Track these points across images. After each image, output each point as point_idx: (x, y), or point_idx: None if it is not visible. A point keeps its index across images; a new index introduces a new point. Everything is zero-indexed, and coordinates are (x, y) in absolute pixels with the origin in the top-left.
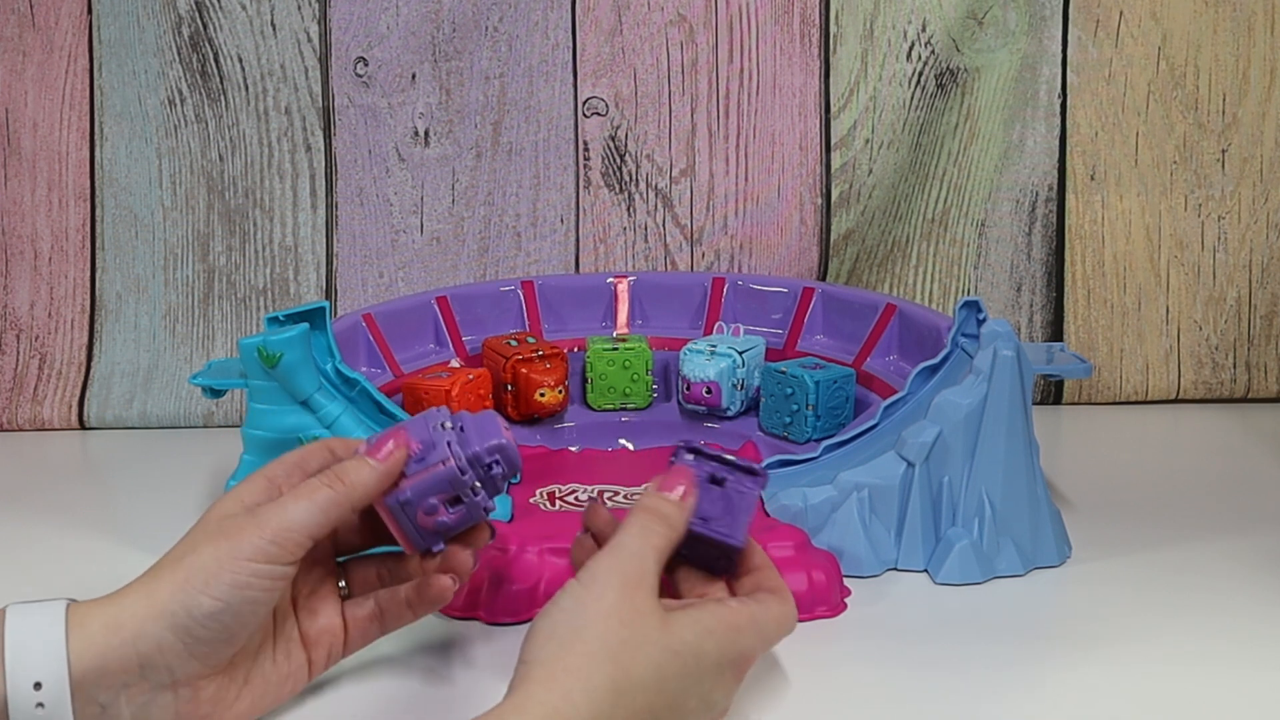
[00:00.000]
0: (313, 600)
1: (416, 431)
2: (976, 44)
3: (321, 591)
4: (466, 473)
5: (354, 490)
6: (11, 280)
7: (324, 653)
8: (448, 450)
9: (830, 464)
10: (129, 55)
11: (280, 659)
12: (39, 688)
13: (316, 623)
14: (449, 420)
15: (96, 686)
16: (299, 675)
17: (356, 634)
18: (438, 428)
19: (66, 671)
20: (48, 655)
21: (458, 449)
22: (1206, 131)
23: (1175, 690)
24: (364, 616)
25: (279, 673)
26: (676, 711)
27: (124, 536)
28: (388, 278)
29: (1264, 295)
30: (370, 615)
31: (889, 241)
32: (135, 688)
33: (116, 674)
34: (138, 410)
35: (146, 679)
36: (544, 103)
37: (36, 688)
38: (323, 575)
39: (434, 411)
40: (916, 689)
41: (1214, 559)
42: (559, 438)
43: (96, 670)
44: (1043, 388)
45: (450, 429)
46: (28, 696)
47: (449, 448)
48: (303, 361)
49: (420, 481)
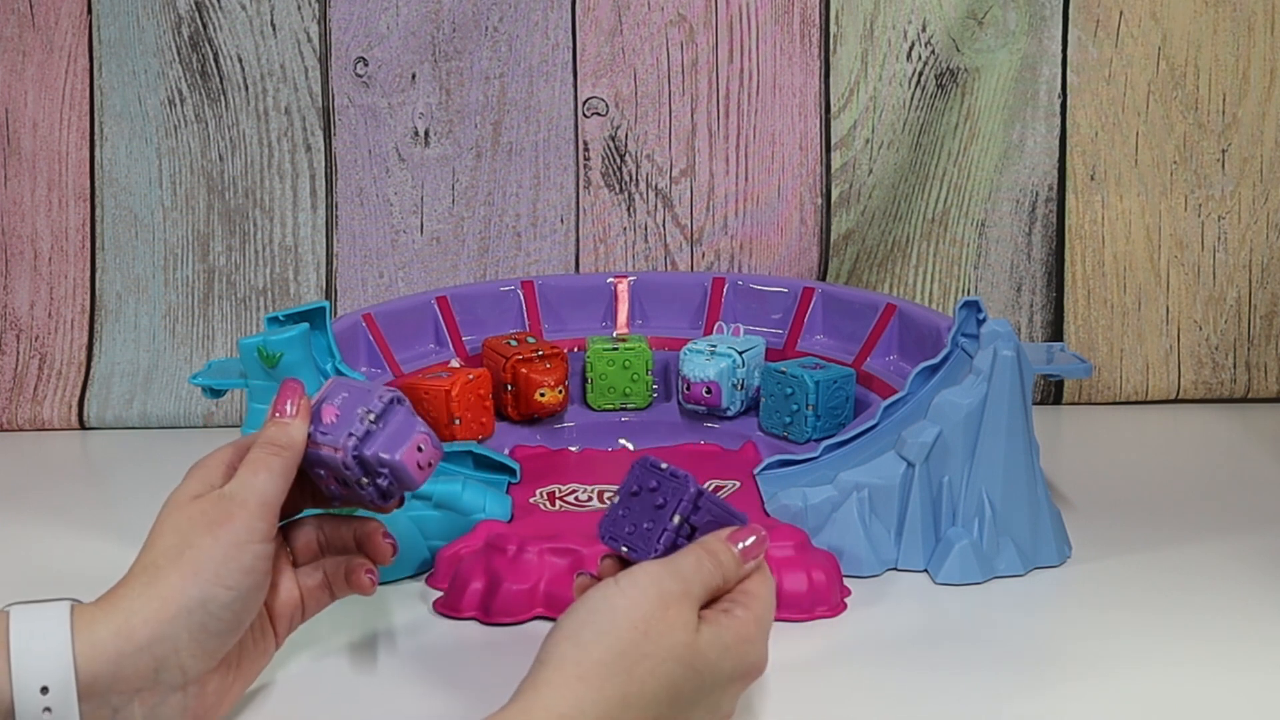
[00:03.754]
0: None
1: (347, 401)
2: (976, 44)
3: (278, 565)
4: (351, 469)
5: (293, 449)
6: (11, 280)
7: (286, 624)
8: (344, 440)
9: (830, 464)
10: (129, 55)
11: (257, 635)
12: (46, 692)
13: (279, 596)
14: (376, 410)
15: (109, 692)
16: (269, 648)
17: (311, 602)
18: (361, 413)
19: (73, 675)
20: (54, 659)
21: (353, 443)
22: (1206, 131)
23: (1175, 690)
24: (315, 585)
25: (257, 651)
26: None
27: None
28: (388, 278)
29: (1264, 295)
30: (320, 584)
31: (889, 241)
32: (149, 691)
33: (131, 680)
34: (138, 410)
35: (160, 682)
36: (544, 103)
37: (44, 692)
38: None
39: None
40: (916, 689)
41: (1214, 559)
42: (559, 438)
43: (110, 676)
44: (1043, 388)
45: (370, 420)
46: (34, 700)
47: (346, 439)
48: (303, 361)
49: (313, 451)
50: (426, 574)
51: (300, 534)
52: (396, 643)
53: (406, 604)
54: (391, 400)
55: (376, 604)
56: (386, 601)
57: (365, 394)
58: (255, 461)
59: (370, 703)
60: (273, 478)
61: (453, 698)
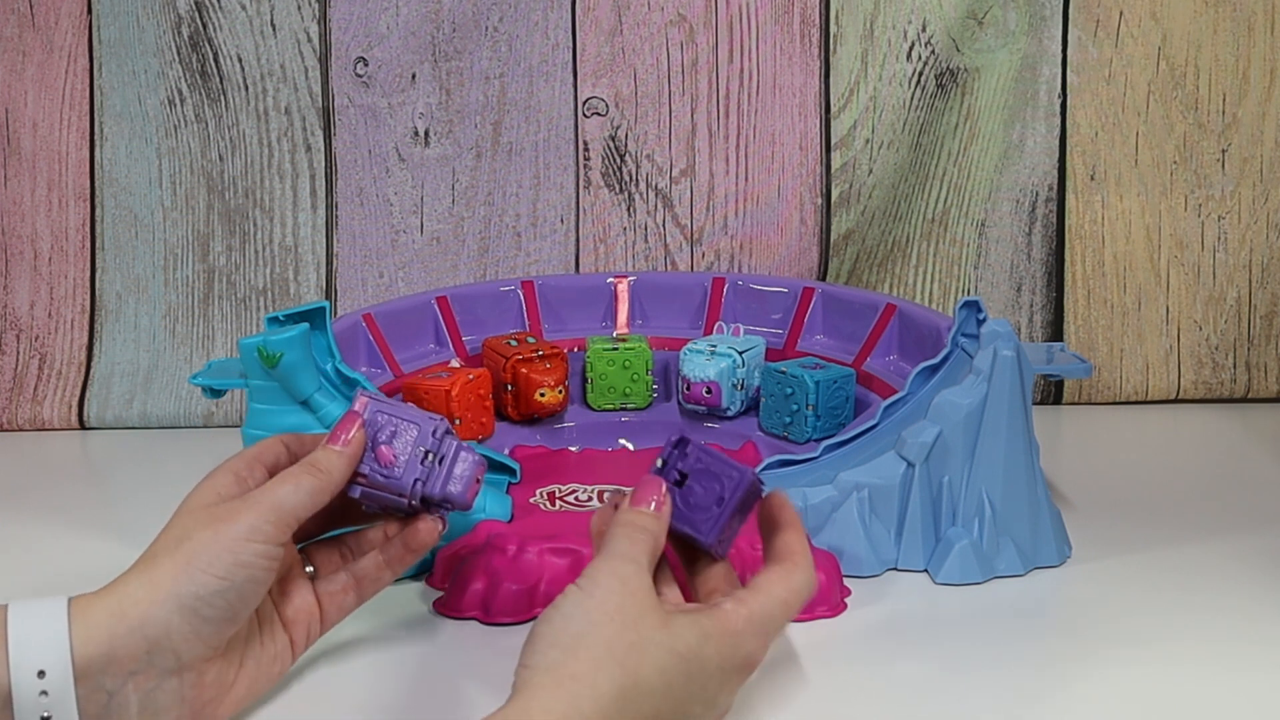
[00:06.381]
0: (284, 584)
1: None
2: (976, 44)
3: (290, 575)
4: (414, 507)
5: (331, 476)
6: (11, 280)
7: (303, 631)
8: (411, 488)
9: (830, 464)
10: (129, 55)
11: (266, 641)
12: (42, 675)
13: (291, 604)
14: (434, 450)
15: (103, 674)
16: (284, 656)
17: (332, 609)
18: (421, 454)
19: (70, 659)
20: (51, 644)
21: (420, 488)
22: (1206, 131)
23: (1175, 690)
24: (337, 591)
25: (267, 654)
26: (681, 717)
27: (124, 536)
28: (388, 278)
29: (1264, 295)
30: (343, 588)
31: (889, 241)
32: (142, 675)
33: (124, 661)
34: (138, 410)
35: (154, 665)
36: (544, 103)
37: (40, 675)
38: (288, 561)
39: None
40: (916, 689)
41: (1214, 559)
42: (559, 438)
43: (103, 658)
44: (1043, 388)
45: (430, 461)
46: (31, 685)
47: (414, 486)
48: (303, 361)
49: (374, 494)
50: (426, 574)
51: (320, 551)
52: (396, 643)
53: (406, 604)
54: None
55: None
56: (386, 601)
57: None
58: (289, 474)
59: (370, 703)
60: (298, 492)
61: (453, 698)
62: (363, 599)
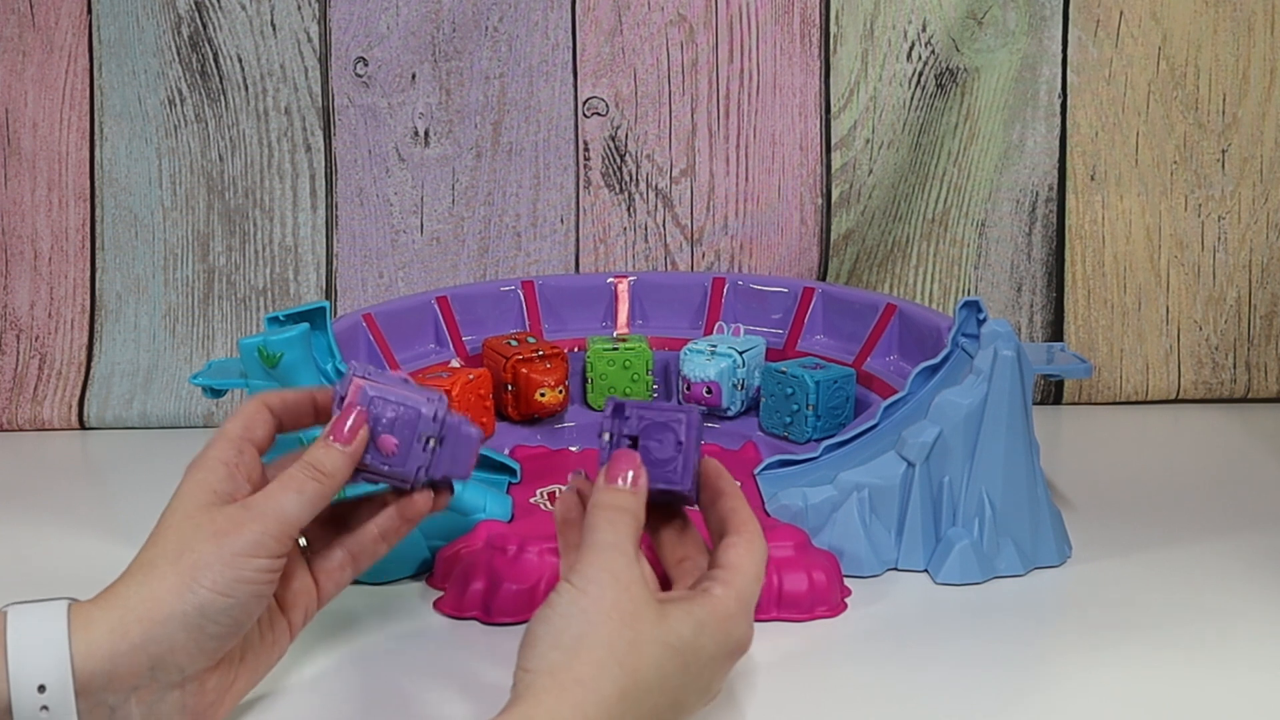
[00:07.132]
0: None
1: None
2: (976, 44)
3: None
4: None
5: (335, 480)
6: (11, 280)
7: (301, 613)
8: (414, 475)
9: (830, 464)
10: (129, 55)
11: (265, 630)
12: (43, 690)
13: (290, 588)
14: (436, 434)
15: (105, 690)
16: (282, 641)
17: (329, 585)
18: (423, 440)
19: (70, 674)
20: (51, 657)
21: (422, 475)
22: (1206, 131)
23: (1175, 690)
24: (334, 569)
25: (266, 644)
26: (678, 708)
27: (124, 536)
28: (388, 278)
29: (1264, 295)
30: (340, 564)
31: (889, 241)
32: (145, 689)
33: (126, 678)
34: (138, 410)
35: (156, 680)
36: (544, 103)
37: (40, 690)
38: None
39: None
40: (916, 689)
41: (1214, 559)
42: (559, 438)
43: (105, 674)
44: (1043, 388)
45: (431, 447)
46: (32, 699)
47: (417, 473)
48: (303, 361)
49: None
50: (426, 574)
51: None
52: (396, 643)
53: (406, 604)
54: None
55: (376, 604)
56: (386, 601)
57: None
58: (290, 480)
59: (370, 703)
60: (302, 500)
61: (453, 698)
62: (359, 572)
